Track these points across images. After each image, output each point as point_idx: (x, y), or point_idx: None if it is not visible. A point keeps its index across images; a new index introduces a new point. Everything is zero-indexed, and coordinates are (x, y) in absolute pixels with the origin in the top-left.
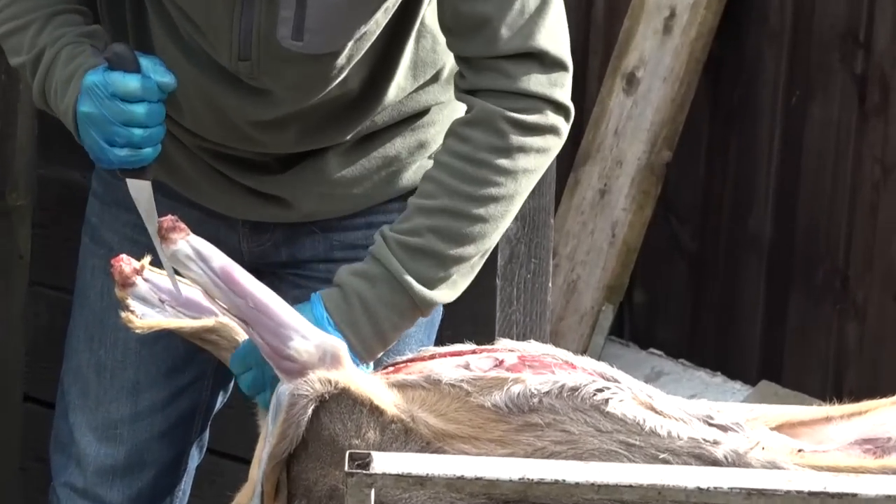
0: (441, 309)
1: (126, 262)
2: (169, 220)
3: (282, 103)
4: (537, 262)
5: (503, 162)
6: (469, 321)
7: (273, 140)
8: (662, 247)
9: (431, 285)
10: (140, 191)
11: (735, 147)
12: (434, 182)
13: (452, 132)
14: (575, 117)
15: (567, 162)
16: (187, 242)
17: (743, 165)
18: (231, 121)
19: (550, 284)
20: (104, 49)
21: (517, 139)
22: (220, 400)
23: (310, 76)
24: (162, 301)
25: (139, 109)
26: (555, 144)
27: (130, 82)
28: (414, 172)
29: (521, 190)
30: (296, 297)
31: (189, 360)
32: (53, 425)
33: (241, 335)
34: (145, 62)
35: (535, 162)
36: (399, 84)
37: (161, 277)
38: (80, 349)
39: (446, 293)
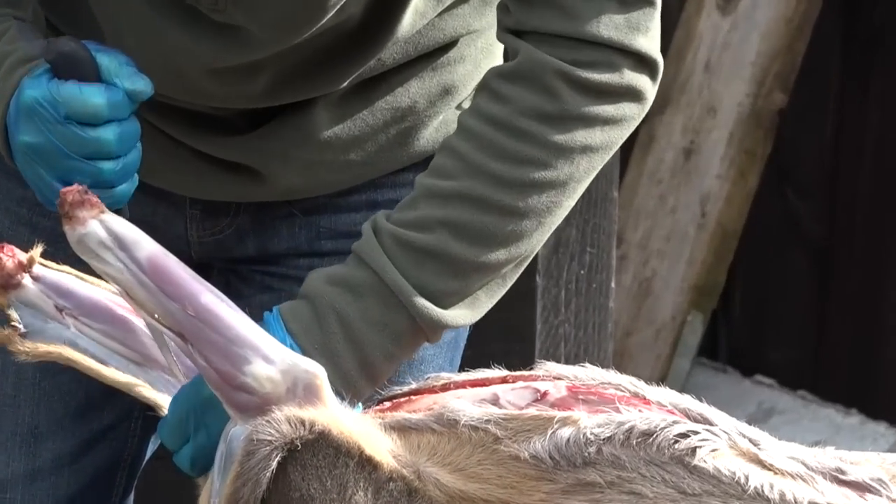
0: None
1: (7, 254)
2: (75, 190)
3: (255, 45)
4: (595, 252)
5: (555, 135)
6: (499, 336)
7: (235, 93)
8: (774, 231)
9: (442, 301)
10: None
11: (877, 89)
12: (453, 155)
13: (486, 86)
14: None
15: None
16: (100, 223)
17: (889, 115)
18: (179, 67)
19: (614, 284)
20: (40, 41)
21: (577, 105)
22: (151, 448)
23: (299, 4)
24: (60, 310)
25: (107, 134)
26: (632, 114)
27: (91, 98)
28: (435, 130)
29: (578, 175)
30: (264, 305)
31: (109, 394)
32: None
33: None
34: (105, 61)
35: (601, 138)
36: (417, 6)
37: (59, 275)
38: None
39: (463, 314)
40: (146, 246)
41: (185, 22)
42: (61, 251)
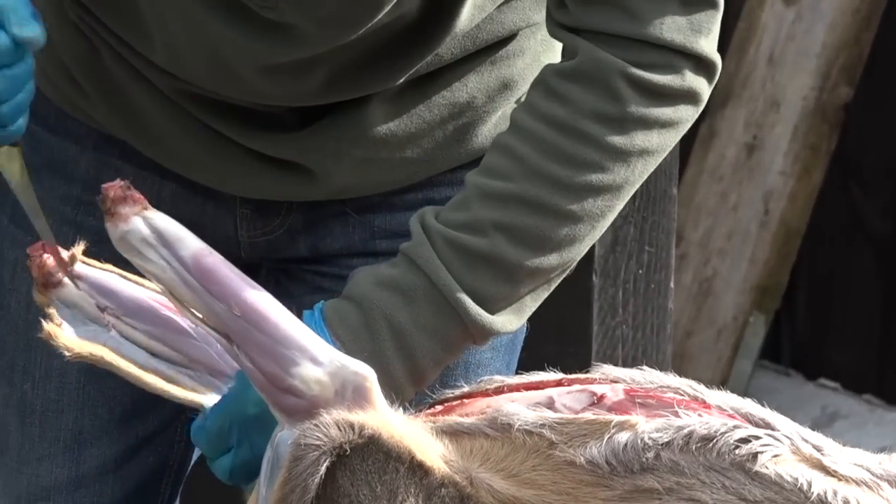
0: (524, 327)
1: (49, 253)
2: (117, 186)
3: (307, 42)
4: (653, 251)
5: (615, 138)
6: (554, 338)
7: (288, 90)
8: (838, 229)
9: (493, 307)
10: (10, 162)
11: None
12: (509, 155)
13: (543, 83)
14: None
15: None
16: (144, 220)
17: None
18: (229, 65)
19: (673, 284)
20: None
21: (638, 107)
22: (196, 453)
23: (353, 2)
24: (102, 309)
25: None
26: (688, 117)
27: None
28: (494, 126)
29: (633, 178)
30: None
31: (155, 398)
32: None
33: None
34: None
35: (658, 141)
36: (476, 0)
37: (102, 274)
38: None
39: (510, 319)
40: (191, 243)
41: (235, 19)
42: (106, 251)
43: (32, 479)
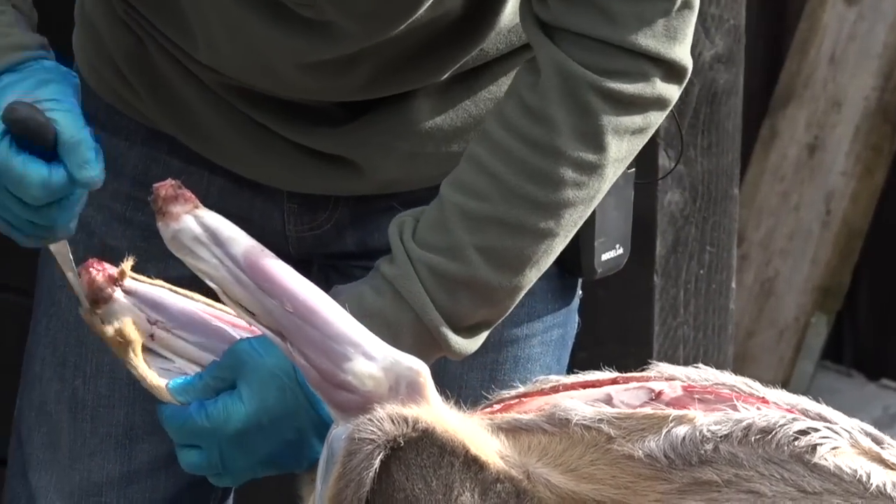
0: (576, 322)
1: (97, 268)
2: (168, 185)
3: (347, 39)
4: (715, 251)
5: (590, 153)
6: (614, 337)
7: (332, 86)
8: None
9: (470, 332)
10: (59, 246)
11: None
12: (487, 175)
13: (518, 97)
14: (774, 37)
15: (760, 103)
16: (195, 218)
17: None
18: (271, 62)
19: (734, 284)
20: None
21: (610, 119)
22: None
23: None
24: (152, 323)
25: (41, 217)
26: (656, 122)
27: (31, 174)
28: None
29: (604, 188)
30: None
31: None
32: (6, 488)
33: None
34: (67, 133)
35: (628, 148)
36: None
37: (152, 288)
38: (45, 378)
39: (480, 339)
40: (242, 241)
41: (274, 17)
42: (155, 246)
43: (84, 474)
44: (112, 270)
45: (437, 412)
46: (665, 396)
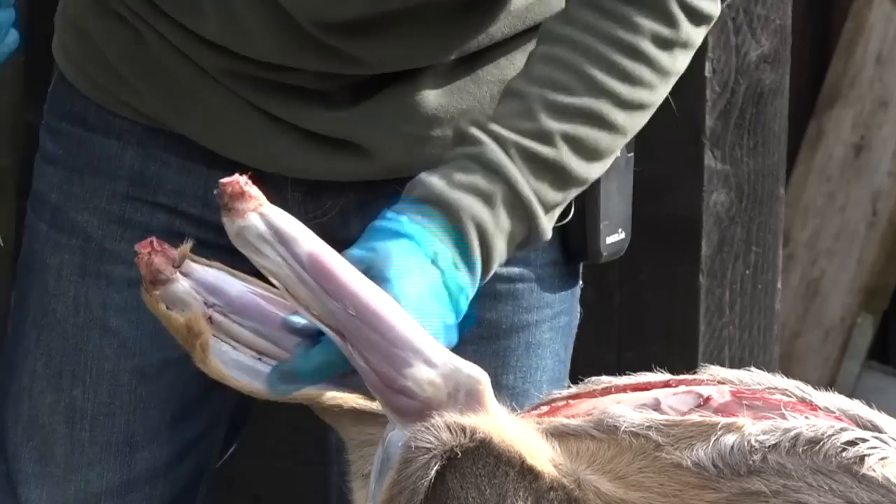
0: (578, 311)
1: (156, 249)
2: (235, 182)
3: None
4: (760, 251)
5: (666, 60)
6: (660, 338)
7: (359, 51)
8: None
9: (550, 213)
10: None
11: None
12: (572, 71)
13: (596, 4)
14: (820, 37)
15: (805, 103)
16: (260, 217)
17: None
18: (292, 21)
19: (780, 285)
20: None
21: (686, 31)
22: (227, 452)
23: None
24: (209, 306)
25: None
26: (700, 40)
27: None
28: None
29: (662, 97)
30: None
31: (205, 398)
32: None
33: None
34: None
35: (686, 63)
36: None
37: (209, 271)
38: (36, 391)
39: (552, 222)
40: (307, 241)
41: None
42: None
43: (81, 485)
44: (172, 252)
45: (494, 420)
46: (713, 402)
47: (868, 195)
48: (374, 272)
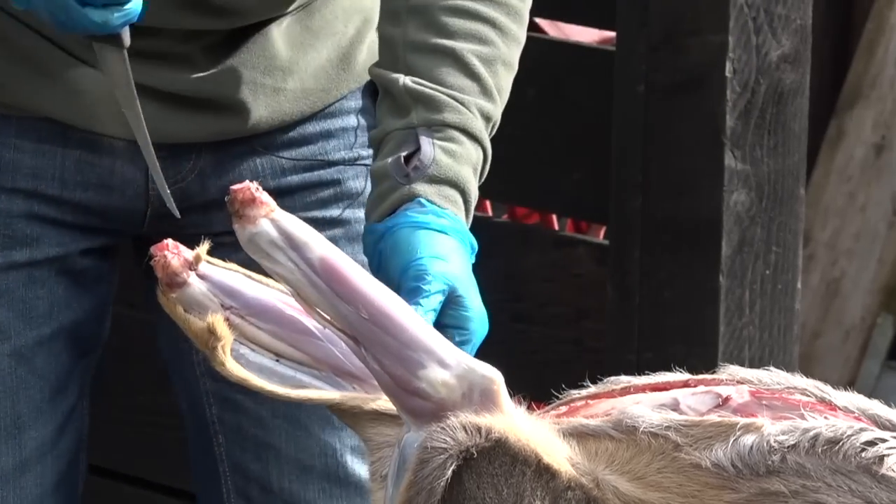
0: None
1: (172, 251)
2: (245, 188)
3: None
4: (780, 251)
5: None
6: (680, 338)
7: (225, 2)
8: None
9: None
10: (116, 64)
11: None
12: (485, 21)
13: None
14: (840, 38)
15: (825, 103)
16: (271, 222)
17: None
18: None
19: (800, 285)
20: None
21: None
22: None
23: None
24: (225, 309)
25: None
26: None
27: None
28: (365, 55)
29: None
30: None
31: (73, 369)
32: None
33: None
34: None
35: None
36: None
37: (226, 273)
38: None
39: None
40: (318, 246)
41: None
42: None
43: None
44: (188, 254)
45: (510, 420)
46: (732, 402)
47: (888, 195)
48: (455, 292)
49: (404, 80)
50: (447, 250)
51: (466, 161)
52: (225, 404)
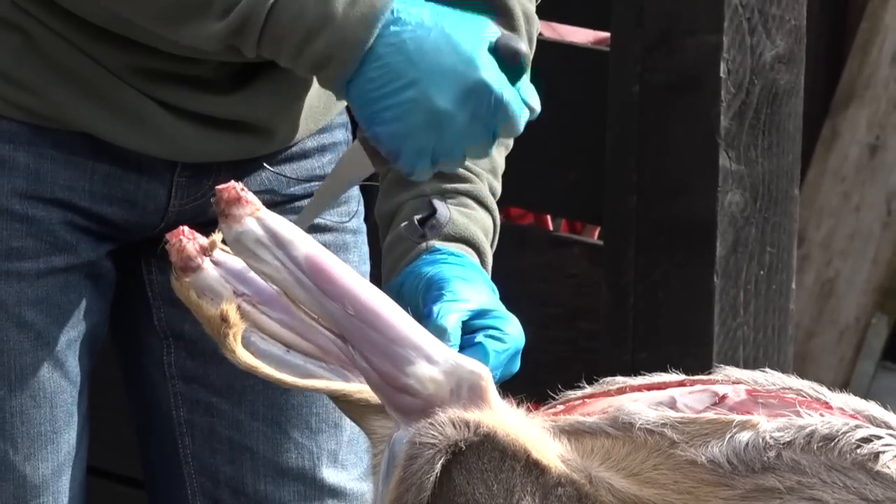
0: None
1: (188, 237)
2: (230, 188)
3: None
4: (775, 252)
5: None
6: (675, 338)
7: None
8: None
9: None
10: (360, 167)
11: None
12: None
13: None
14: (834, 37)
15: (819, 102)
16: (257, 221)
17: None
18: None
19: (794, 285)
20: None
21: None
22: None
23: None
24: (238, 296)
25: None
26: None
27: (519, 110)
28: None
29: None
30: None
31: (88, 372)
32: None
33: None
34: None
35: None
36: None
37: (238, 260)
38: None
39: None
40: (304, 244)
41: None
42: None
43: (20, 481)
44: (202, 240)
45: (498, 416)
46: (729, 401)
47: (883, 195)
48: (487, 316)
49: None
50: (468, 274)
51: (480, 225)
52: (196, 406)
